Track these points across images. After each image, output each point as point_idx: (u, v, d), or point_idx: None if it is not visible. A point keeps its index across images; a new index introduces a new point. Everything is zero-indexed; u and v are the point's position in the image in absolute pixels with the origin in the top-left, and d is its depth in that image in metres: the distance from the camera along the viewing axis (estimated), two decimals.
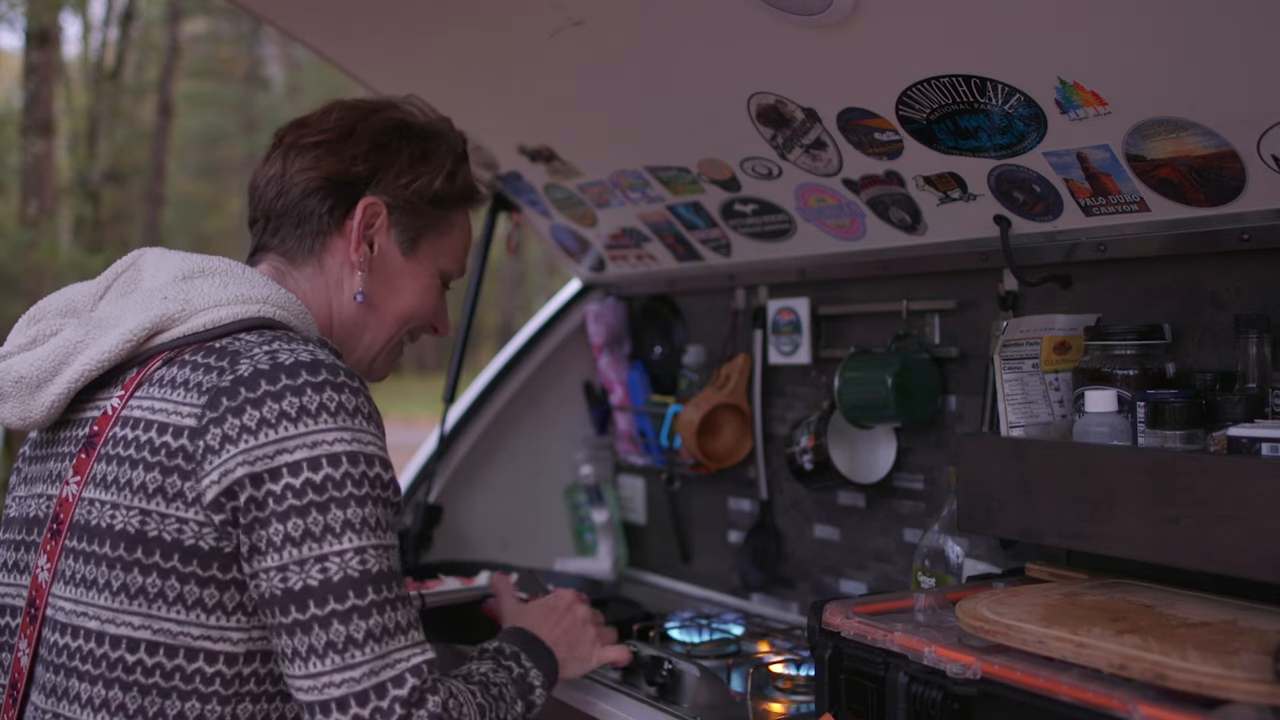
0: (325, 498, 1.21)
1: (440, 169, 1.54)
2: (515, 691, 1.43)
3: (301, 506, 1.21)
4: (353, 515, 1.22)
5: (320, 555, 1.21)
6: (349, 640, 1.20)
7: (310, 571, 1.20)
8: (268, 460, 1.21)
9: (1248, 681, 1.03)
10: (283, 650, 1.22)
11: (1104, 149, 1.52)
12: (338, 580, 1.20)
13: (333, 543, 1.21)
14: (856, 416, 1.99)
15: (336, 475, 1.22)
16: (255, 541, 1.21)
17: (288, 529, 1.20)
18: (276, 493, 1.21)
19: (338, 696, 1.19)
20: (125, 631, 1.24)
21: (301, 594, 1.20)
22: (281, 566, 1.21)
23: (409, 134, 1.53)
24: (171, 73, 15.02)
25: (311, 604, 1.20)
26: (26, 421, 1.36)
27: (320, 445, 1.22)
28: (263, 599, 1.23)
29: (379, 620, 1.22)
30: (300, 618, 1.20)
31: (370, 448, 1.26)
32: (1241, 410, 1.39)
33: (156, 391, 1.30)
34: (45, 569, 1.31)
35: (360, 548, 1.22)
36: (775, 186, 2.02)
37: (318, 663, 1.20)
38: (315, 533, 1.21)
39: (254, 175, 1.54)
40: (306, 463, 1.21)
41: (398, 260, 1.54)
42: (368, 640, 1.20)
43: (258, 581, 1.22)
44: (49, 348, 1.35)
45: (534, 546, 2.71)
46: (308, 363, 1.26)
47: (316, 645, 1.20)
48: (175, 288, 1.37)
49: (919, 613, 1.43)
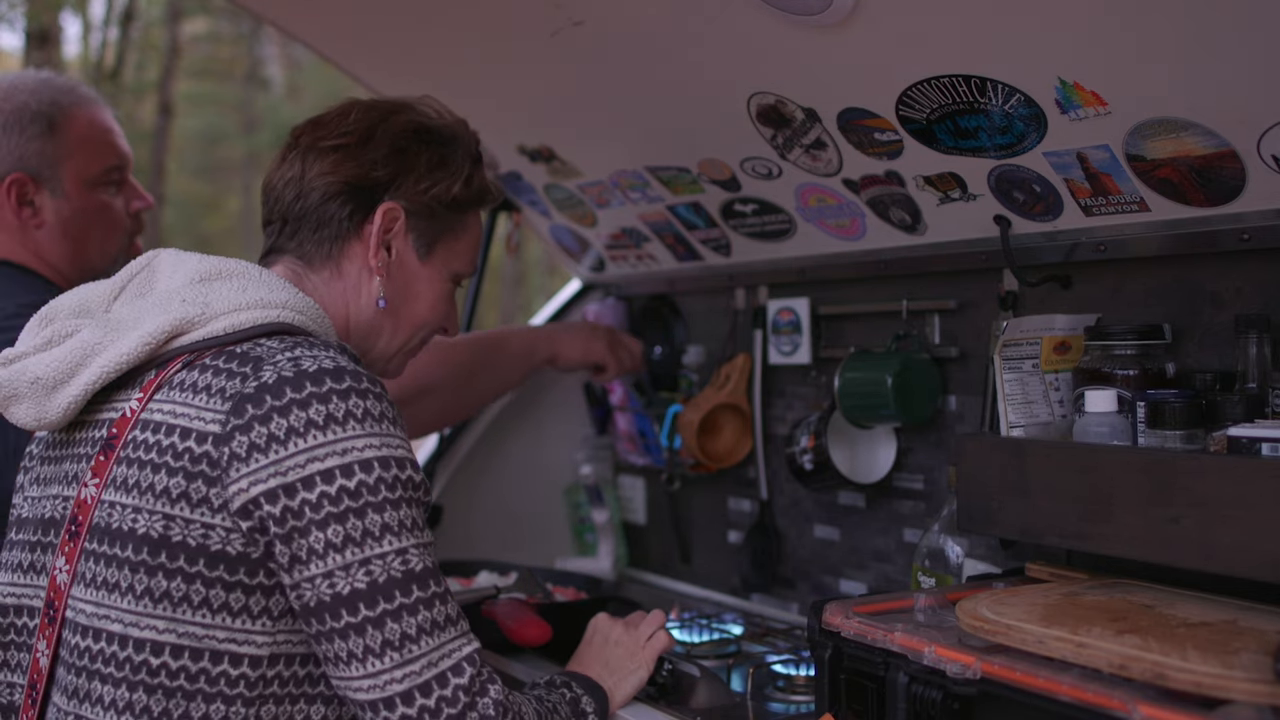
0: (361, 503, 1.24)
1: (458, 174, 1.55)
2: (569, 711, 1.45)
3: (339, 513, 1.23)
4: (390, 518, 1.25)
5: (364, 559, 1.23)
6: (404, 637, 1.24)
7: (356, 575, 1.23)
8: (299, 470, 1.22)
9: (1248, 681, 1.03)
10: (335, 654, 1.24)
11: (1104, 149, 1.52)
12: (384, 582, 1.24)
13: (374, 546, 1.24)
14: (856, 416, 1.99)
15: (370, 480, 1.24)
16: (296, 551, 1.23)
17: (329, 536, 1.22)
18: (313, 501, 1.22)
19: (401, 691, 1.23)
20: (149, 635, 1.24)
21: (351, 598, 1.23)
22: (328, 573, 1.23)
23: (427, 138, 1.53)
24: (171, 73, 15.01)
25: (362, 607, 1.23)
26: (41, 423, 1.36)
27: (350, 452, 1.24)
28: (307, 607, 1.24)
29: (428, 615, 1.26)
30: (352, 620, 1.23)
31: (399, 451, 1.28)
32: (1241, 410, 1.39)
33: (178, 395, 1.30)
34: (64, 570, 1.31)
35: (401, 549, 1.25)
36: (775, 186, 2.02)
37: (375, 661, 1.23)
38: (356, 538, 1.23)
39: (269, 176, 1.53)
40: (339, 470, 1.23)
41: (414, 265, 1.54)
42: (421, 635, 1.24)
43: (300, 590, 1.24)
44: (66, 349, 1.34)
45: (534, 546, 2.71)
46: (331, 370, 1.27)
47: (373, 645, 1.23)
48: (193, 290, 1.37)
49: (919, 613, 1.43)
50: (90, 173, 2.01)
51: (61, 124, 1.98)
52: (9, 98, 1.97)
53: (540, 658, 1.96)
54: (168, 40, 15.07)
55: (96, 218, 2.02)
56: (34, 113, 1.97)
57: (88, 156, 2.00)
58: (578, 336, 2.36)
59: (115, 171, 2.04)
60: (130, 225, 2.09)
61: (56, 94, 2.00)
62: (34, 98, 1.98)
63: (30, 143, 1.96)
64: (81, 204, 2.00)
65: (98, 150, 2.02)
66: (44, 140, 1.96)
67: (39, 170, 1.97)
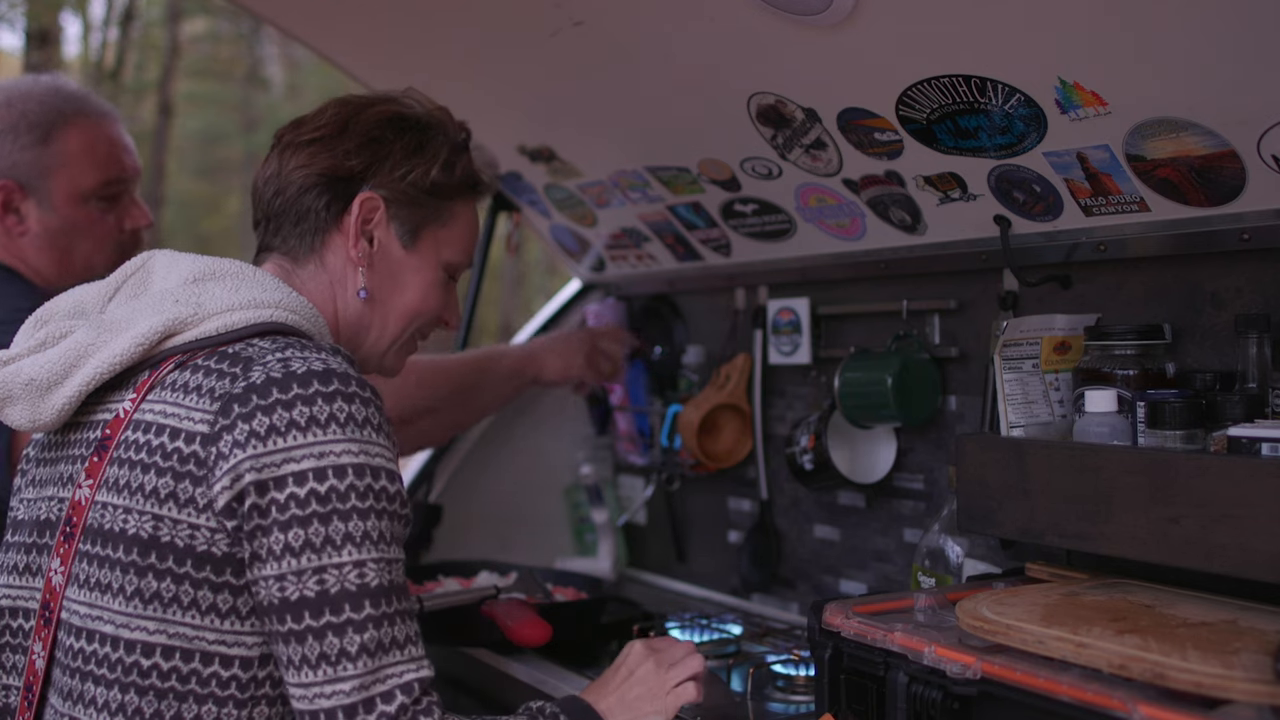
0: (328, 509, 1.21)
1: (435, 159, 1.53)
2: None
3: (304, 517, 1.20)
4: (354, 528, 1.22)
5: (319, 567, 1.20)
6: (341, 653, 1.19)
7: (307, 583, 1.20)
8: (274, 468, 1.21)
9: (1248, 681, 1.03)
10: (279, 657, 1.23)
11: (1104, 149, 1.52)
12: (335, 593, 1.20)
13: (332, 555, 1.21)
14: (856, 416, 1.99)
15: (341, 487, 1.22)
16: (256, 549, 1.22)
17: (288, 539, 1.20)
18: (280, 501, 1.21)
19: (326, 708, 1.19)
20: (140, 636, 1.24)
21: (298, 604, 1.20)
22: (279, 576, 1.21)
23: (403, 126, 1.52)
24: (171, 73, 15.00)
25: (307, 615, 1.20)
26: (35, 424, 1.36)
27: (327, 456, 1.22)
28: (260, 606, 1.23)
29: (374, 635, 1.21)
30: (295, 627, 1.20)
31: (377, 459, 1.25)
32: (1241, 410, 1.39)
33: (169, 396, 1.29)
34: (59, 572, 1.31)
35: (360, 561, 1.22)
36: (775, 186, 2.02)
37: (309, 673, 1.20)
38: (315, 544, 1.20)
39: (254, 176, 1.54)
40: (313, 473, 1.21)
41: (399, 253, 1.53)
42: (360, 654, 1.20)
43: (257, 588, 1.23)
44: (60, 350, 1.34)
45: (534, 546, 2.71)
46: (320, 372, 1.26)
47: (309, 656, 1.20)
48: (186, 291, 1.37)
49: (919, 613, 1.43)
50: (82, 186, 1.99)
51: (58, 135, 1.97)
52: (13, 104, 1.96)
53: (540, 658, 1.96)
54: (168, 40, 15.05)
55: (84, 232, 2.00)
56: (32, 122, 1.96)
57: (81, 170, 1.99)
58: (558, 354, 2.35)
59: (112, 186, 2.02)
60: (124, 240, 2.06)
61: (62, 104, 1.99)
62: (38, 107, 1.97)
63: (23, 151, 1.95)
64: (69, 217, 1.99)
65: (94, 164, 2.00)
66: (37, 150, 1.96)
67: (28, 179, 1.96)
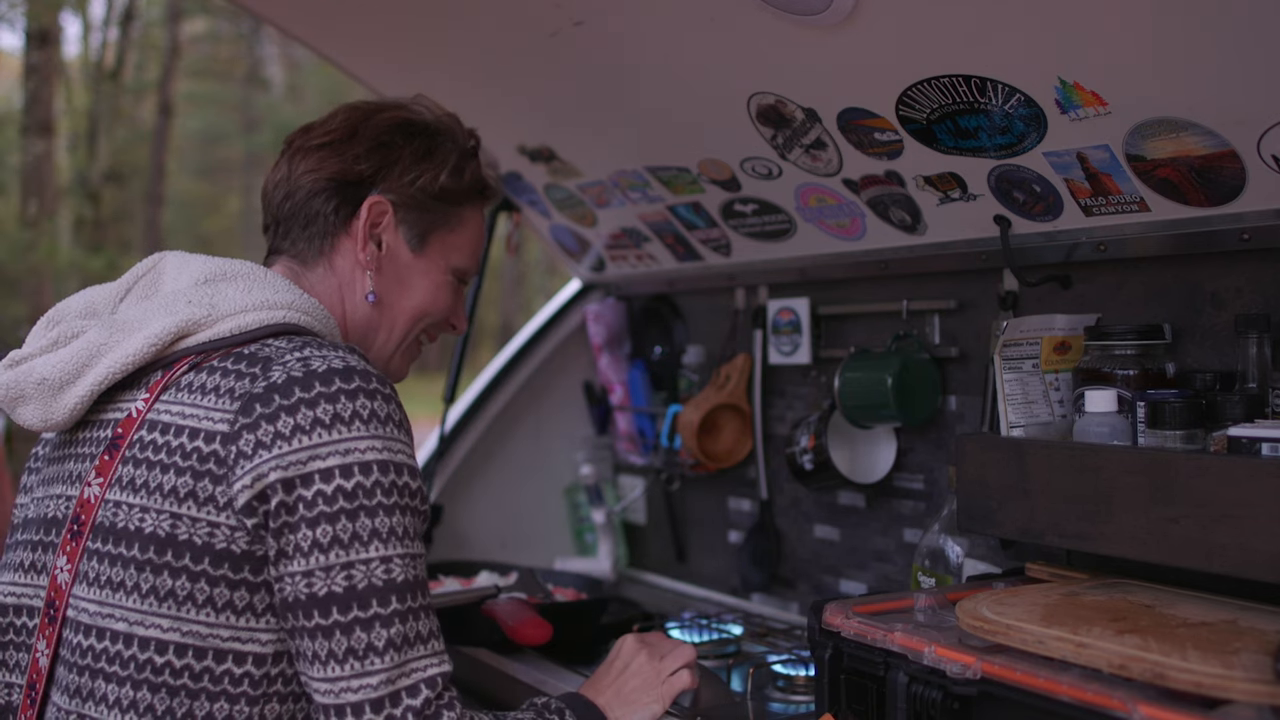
0: (355, 505, 1.23)
1: (444, 164, 1.54)
2: None
3: (331, 513, 1.22)
4: (380, 524, 1.24)
5: (347, 563, 1.22)
6: (369, 647, 1.21)
7: (336, 578, 1.22)
8: (300, 466, 1.22)
9: (1248, 681, 1.03)
10: (302, 652, 1.24)
11: (1104, 149, 1.52)
12: (363, 588, 1.22)
13: (360, 550, 1.22)
14: (856, 416, 1.99)
15: (367, 483, 1.23)
16: (283, 546, 1.23)
17: (316, 535, 1.22)
18: (307, 498, 1.22)
19: (353, 702, 1.20)
20: (154, 634, 1.25)
21: (326, 600, 1.22)
22: (308, 572, 1.22)
23: (412, 132, 1.54)
24: (171, 73, 15.00)
25: (335, 610, 1.21)
26: (48, 423, 1.37)
27: (353, 453, 1.24)
28: (285, 602, 1.24)
29: (400, 629, 1.23)
30: (323, 623, 1.22)
31: (400, 456, 1.27)
32: (1241, 410, 1.39)
33: (185, 397, 1.30)
34: (65, 570, 1.31)
35: (386, 556, 1.24)
36: (775, 186, 2.02)
37: (337, 668, 1.21)
38: (343, 540, 1.22)
39: (264, 181, 1.56)
40: (339, 470, 1.23)
41: (407, 257, 1.54)
42: (388, 649, 1.22)
43: (281, 585, 1.24)
44: (72, 350, 1.35)
45: (534, 546, 2.71)
46: (340, 369, 1.27)
47: (337, 650, 1.21)
48: (199, 292, 1.37)
49: (919, 613, 1.43)
50: None
51: None
52: None
53: (540, 657, 1.96)
54: (168, 40, 15.05)
55: None
56: None
57: None
58: None
59: None
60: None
61: None
62: None
63: None
64: None
65: None
66: None
67: None
